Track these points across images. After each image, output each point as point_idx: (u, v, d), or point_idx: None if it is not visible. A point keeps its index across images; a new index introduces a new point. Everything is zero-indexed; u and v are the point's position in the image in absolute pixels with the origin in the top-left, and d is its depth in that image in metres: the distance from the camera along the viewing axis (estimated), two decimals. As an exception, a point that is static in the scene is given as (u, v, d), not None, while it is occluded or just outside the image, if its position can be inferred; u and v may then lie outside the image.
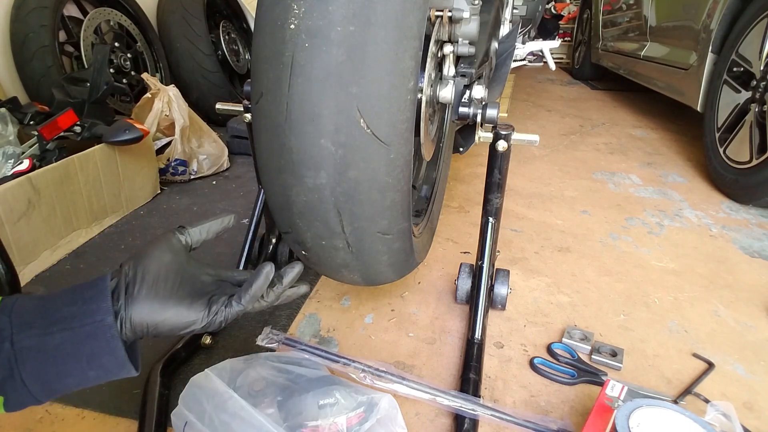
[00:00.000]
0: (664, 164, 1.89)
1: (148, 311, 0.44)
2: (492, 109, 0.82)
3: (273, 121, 0.57)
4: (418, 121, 0.71)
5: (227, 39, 2.49)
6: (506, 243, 1.26)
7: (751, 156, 1.46)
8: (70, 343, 0.41)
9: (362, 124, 0.54)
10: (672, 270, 1.16)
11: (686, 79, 1.98)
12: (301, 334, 0.92)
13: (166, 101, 1.58)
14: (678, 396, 0.79)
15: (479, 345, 0.85)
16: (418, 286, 1.08)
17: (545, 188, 1.64)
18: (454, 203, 1.50)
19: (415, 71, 0.57)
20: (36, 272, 1.11)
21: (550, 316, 0.99)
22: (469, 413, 0.71)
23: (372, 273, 0.72)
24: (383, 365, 0.80)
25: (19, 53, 1.63)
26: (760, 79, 1.49)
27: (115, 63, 1.97)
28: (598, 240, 1.30)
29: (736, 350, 0.90)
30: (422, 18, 0.57)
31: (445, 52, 0.80)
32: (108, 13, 2.00)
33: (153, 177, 1.53)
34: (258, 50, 0.58)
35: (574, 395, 0.79)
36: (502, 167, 0.85)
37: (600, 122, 2.49)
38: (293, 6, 0.53)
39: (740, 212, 1.48)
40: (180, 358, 0.84)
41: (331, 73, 0.53)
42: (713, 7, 1.77)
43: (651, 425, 0.58)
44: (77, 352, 0.41)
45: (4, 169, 1.16)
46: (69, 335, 0.41)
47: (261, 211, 1.05)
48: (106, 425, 0.72)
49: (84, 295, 0.43)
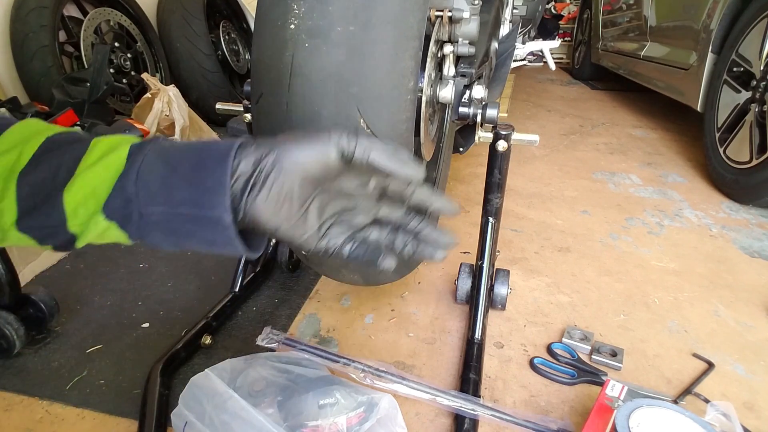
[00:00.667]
0: (664, 164, 1.89)
1: (265, 220, 0.41)
2: (492, 109, 0.82)
3: (273, 121, 0.57)
4: (418, 121, 0.70)
5: (227, 39, 2.49)
6: (506, 243, 1.26)
7: (751, 156, 1.46)
8: (192, 225, 0.41)
9: (362, 124, 0.54)
10: (672, 270, 1.16)
11: (686, 79, 1.98)
12: (301, 334, 0.92)
13: (166, 101, 1.58)
14: (678, 396, 0.79)
15: (479, 345, 0.85)
16: (418, 286, 1.08)
17: (545, 188, 1.64)
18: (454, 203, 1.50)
19: (415, 71, 0.57)
20: (36, 272, 1.11)
21: (550, 316, 0.99)
22: (469, 413, 0.71)
23: (372, 273, 0.72)
24: (383, 365, 0.80)
25: (19, 53, 1.63)
26: (760, 79, 1.49)
27: (115, 63, 1.97)
28: (598, 240, 1.30)
29: (736, 350, 0.90)
30: (422, 18, 0.57)
31: (445, 52, 0.80)
32: (108, 13, 2.00)
33: (153, 177, 1.52)
34: (258, 50, 0.58)
35: (574, 395, 0.79)
36: (502, 167, 0.85)
37: (600, 122, 2.49)
38: (293, 6, 0.53)
39: (740, 212, 1.48)
40: (180, 358, 0.84)
41: (331, 73, 0.53)
42: (713, 7, 1.77)
43: (651, 425, 0.58)
44: (198, 235, 0.42)
45: (4, 169, 1.16)
46: (191, 220, 0.41)
47: (261, 211, 1.04)
48: (106, 425, 0.72)
49: (205, 182, 0.40)
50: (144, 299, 1.03)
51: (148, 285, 1.08)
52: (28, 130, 0.44)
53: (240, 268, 1.01)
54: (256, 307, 1.01)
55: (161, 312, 0.98)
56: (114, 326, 0.94)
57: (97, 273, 1.12)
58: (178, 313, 0.98)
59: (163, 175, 0.41)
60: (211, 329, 0.90)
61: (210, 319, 0.91)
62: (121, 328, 0.93)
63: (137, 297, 1.03)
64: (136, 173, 0.41)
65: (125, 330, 0.93)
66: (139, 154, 0.42)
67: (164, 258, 1.19)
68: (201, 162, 0.41)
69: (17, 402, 0.76)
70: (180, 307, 1.00)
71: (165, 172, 0.41)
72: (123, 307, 1.00)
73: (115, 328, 0.93)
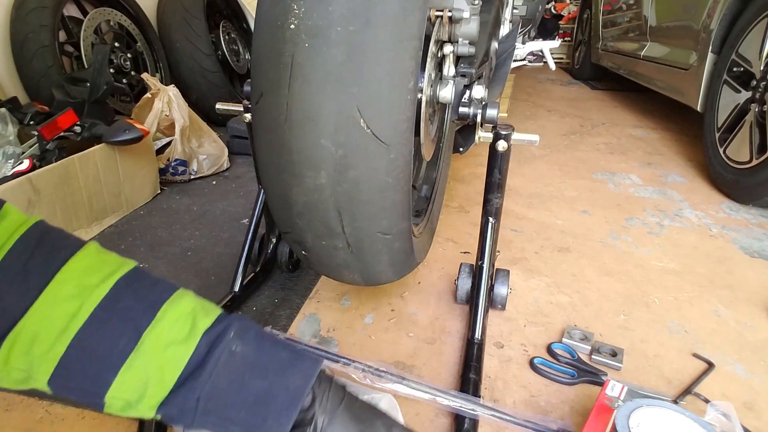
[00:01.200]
0: (664, 164, 1.89)
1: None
2: (492, 109, 0.82)
3: (273, 121, 0.57)
4: (418, 121, 0.70)
5: (227, 39, 2.49)
6: (506, 243, 1.26)
7: (751, 156, 1.46)
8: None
9: (362, 124, 0.54)
10: (672, 270, 1.16)
11: (686, 79, 1.98)
12: (301, 334, 0.92)
13: (166, 101, 1.58)
14: (678, 396, 0.79)
15: (479, 345, 0.85)
16: (418, 286, 1.08)
17: (545, 188, 1.64)
18: (454, 203, 1.50)
19: (415, 71, 0.57)
20: (36, 272, 1.11)
21: (550, 316, 0.99)
22: (469, 413, 0.71)
23: (372, 273, 0.72)
24: (383, 365, 0.80)
25: (19, 53, 1.63)
26: (760, 79, 1.49)
27: (115, 63, 1.97)
28: (598, 240, 1.30)
29: (736, 350, 0.90)
30: (422, 18, 0.57)
31: (445, 52, 0.80)
32: (108, 13, 2.00)
33: (153, 177, 1.53)
34: (258, 50, 0.58)
35: (574, 395, 0.79)
36: (502, 167, 0.85)
37: (600, 122, 2.49)
38: (293, 6, 0.53)
39: (740, 212, 1.48)
40: (180, 358, 0.84)
41: (331, 73, 0.53)
42: (713, 7, 1.77)
43: (651, 425, 0.58)
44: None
45: (4, 169, 1.16)
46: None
47: (261, 211, 1.05)
48: (106, 425, 0.72)
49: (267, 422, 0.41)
50: (144, 299, 1.02)
51: (148, 285, 1.07)
52: (91, 265, 0.42)
53: (240, 268, 1.01)
54: (256, 307, 1.01)
55: (161, 312, 0.98)
56: (114, 326, 0.94)
57: (97, 273, 1.12)
58: (178, 313, 0.98)
59: (230, 402, 0.41)
60: (211, 329, 0.90)
61: (210, 319, 0.91)
62: (121, 328, 0.93)
63: (137, 297, 1.03)
64: (204, 385, 0.40)
65: (125, 330, 0.93)
66: (211, 358, 0.41)
67: (164, 258, 1.19)
68: (269, 398, 0.42)
69: (17, 402, 0.76)
70: (180, 307, 1.00)
71: (233, 398, 0.41)
72: (123, 307, 1.00)
73: (115, 328, 0.93)
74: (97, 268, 0.42)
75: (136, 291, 0.42)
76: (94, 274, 0.41)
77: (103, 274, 0.42)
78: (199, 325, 0.42)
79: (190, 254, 1.20)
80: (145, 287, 0.43)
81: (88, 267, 0.42)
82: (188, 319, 0.42)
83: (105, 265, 0.43)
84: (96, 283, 0.41)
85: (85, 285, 0.40)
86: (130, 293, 0.42)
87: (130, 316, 0.41)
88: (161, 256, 1.19)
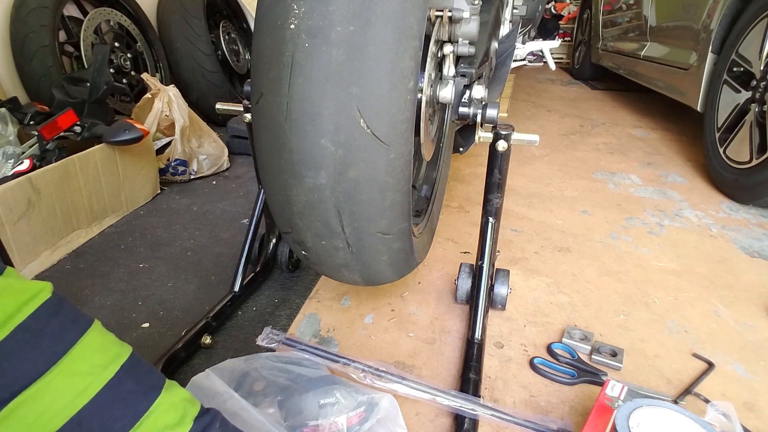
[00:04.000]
0: (664, 164, 1.89)
1: None
2: (492, 109, 0.82)
3: (273, 121, 0.57)
4: (418, 121, 0.70)
5: (227, 39, 2.49)
6: (506, 243, 1.26)
7: (751, 156, 1.46)
8: None
9: (362, 124, 0.54)
10: (672, 270, 1.16)
11: (686, 79, 1.98)
12: (301, 334, 0.92)
13: (166, 101, 1.58)
14: (678, 396, 0.79)
15: (479, 345, 0.85)
16: (418, 286, 1.08)
17: (545, 188, 1.64)
18: (454, 203, 1.50)
19: (415, 71, 0.57)
20: (36, 272, 1.11)
21: (550, 316, 0.99)
22: (469, 413, 0.71)
23: (372, 273, 0.72)
24: (383, 365, 0.80)
25: (19, 53, 1.63)
26: (760, 79, 1.49)
27: (115, 63, 1.97)
28: (598, 240, 1.30)
29: (736, 350, 0.90)
30: (422, 18, 0.57)
31: (445, 52, 0.80)
32: (108, 13, 2.00)
33: (153, 177, 1.53)
34: (258, 50, 0.58)
35: (574, 395, 0.79)
36: (502, 167, 0.85)
37: (600, 122, 2.49)
38: (293, 6, 0.53)
39: (740, 212, 1.48)
40: (180, 358, 0.84)
41: (331, 73, 0.53)
42: (713, 7, 1.77)
43: (651, 425, 0.58)
44: None
45: (4, 169, 1.16)
46: None
47: (261, 211, 1.05)
48: None
49: None
50: (144, 299, 1.03)
51: (148, 285, 1.08)
52: (100, 345, 0.43)
53: (240, 268, 1.01)
54: (256, 307, 1.01)
55: (161, 312, 0.99)
56: (114, 326, 0.94)
57: (97, 273, 1.12)
58: (178, 313, 0.98)
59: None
60: (211, 329, 0.91)
61: (210, 319, 0.91)
62: (121, 328, 0.93)
63: (137, 297, 1.03)
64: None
65: (125, 330, 0.93)
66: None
67: (164, 258, 1.19)
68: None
69: (17, 402, 0.76)
70: (180, 307, 1.00)
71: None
72: (123, 307, 1.00)
73: (115, 328, 0.93)
74: (106, 349, 0.44)
75: (138, 375, 0.44)
76: (104, 354, 0.43)
77: (111, 354, 0.43)
78: (190, 412, 0.45)
79: (190, 254, 1.21)
80: (144, 372, 0.45)
81: (98, 347, 0.43)
82: (180, 406, 0.45)
83: (111, 346, 0.45)
84: (105, 364, 0.42)
85: (95, 364, 0.42)
86: (132, 377, 0.44)
87: (131, 400, 0.42)
88: (161, 256, 1.19)
